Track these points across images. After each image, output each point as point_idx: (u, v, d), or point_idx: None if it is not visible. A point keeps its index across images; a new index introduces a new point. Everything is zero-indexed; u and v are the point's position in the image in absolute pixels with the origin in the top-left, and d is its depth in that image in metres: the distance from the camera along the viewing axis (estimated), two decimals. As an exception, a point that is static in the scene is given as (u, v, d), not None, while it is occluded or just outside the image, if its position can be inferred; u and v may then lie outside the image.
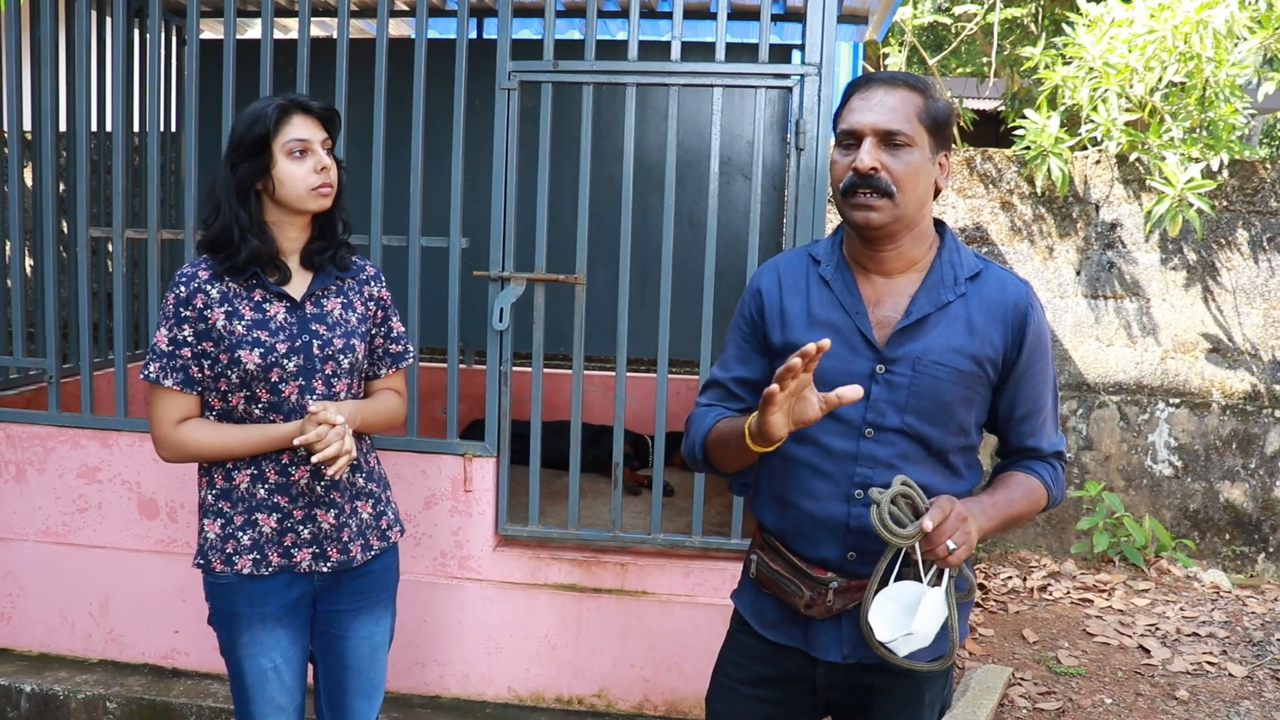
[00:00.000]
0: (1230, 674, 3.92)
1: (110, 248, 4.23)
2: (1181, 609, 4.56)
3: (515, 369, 3.34)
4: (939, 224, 1.85)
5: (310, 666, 2.29)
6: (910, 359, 1.73)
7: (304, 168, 2.06)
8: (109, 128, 4.10)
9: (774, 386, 1.54)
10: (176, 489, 3.41)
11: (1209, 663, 4.00)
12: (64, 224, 4.27)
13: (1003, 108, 7.91)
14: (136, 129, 4.26)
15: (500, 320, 3.21)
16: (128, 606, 3.46)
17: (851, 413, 1.74)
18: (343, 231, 2.20)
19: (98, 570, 3.46)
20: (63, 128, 3.91)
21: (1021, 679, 3.81)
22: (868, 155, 1.67)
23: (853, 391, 1.55)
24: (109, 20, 4.01)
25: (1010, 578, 4.92)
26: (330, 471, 2.01)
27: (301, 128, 2.06)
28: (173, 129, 4.53)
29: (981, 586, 4.76)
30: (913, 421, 1.74)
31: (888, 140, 1.68)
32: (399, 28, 5.24)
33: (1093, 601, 4.63)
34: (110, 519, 3.46)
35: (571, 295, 3.29)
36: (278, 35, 4.92)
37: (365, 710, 2.29)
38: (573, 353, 3.31)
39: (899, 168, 1.68)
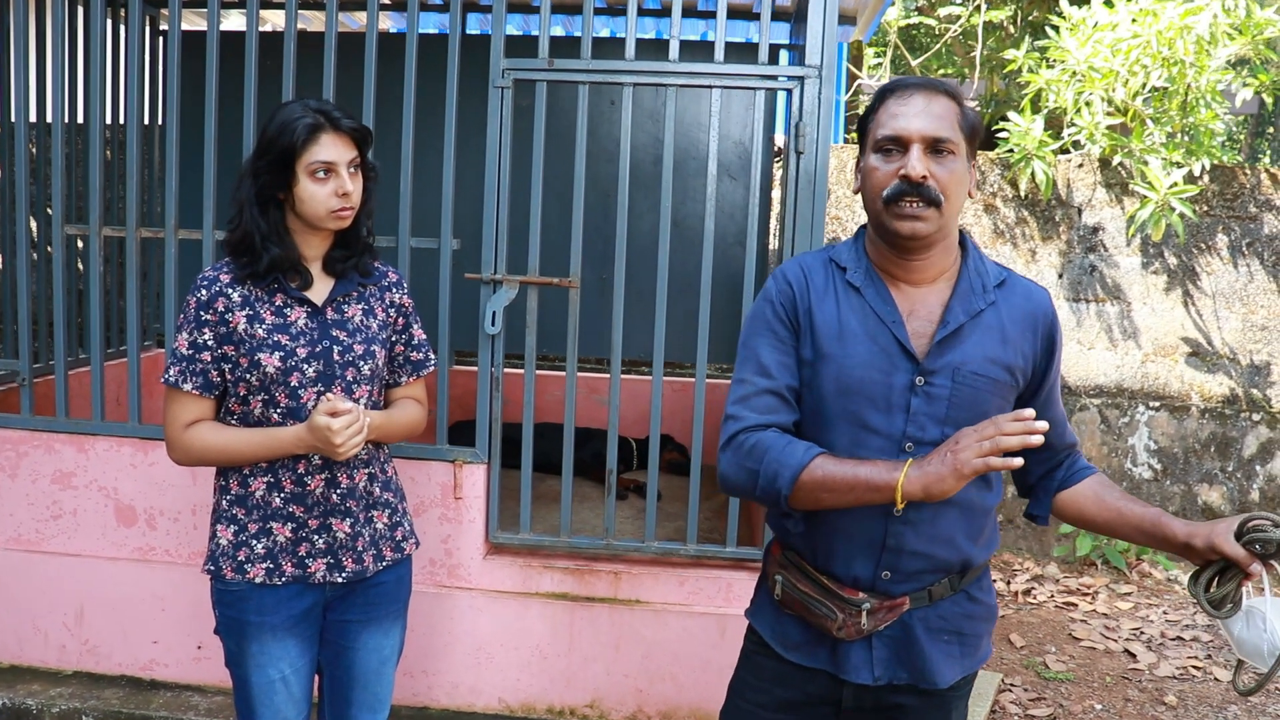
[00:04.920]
0: (1216, 678, 3.93)
1: (81, 244, 4.11)
2: (1164, 612, 4.58)
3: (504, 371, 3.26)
4: (961, 233, 1.81)
5: (315, 677, 2.23)
6: (949, 369, 1.68)
7: (325, 190, 2.02)
8: (82, 121, 3.98)
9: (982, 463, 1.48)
10: (155, 495, 3.30)
11: (1194, 667, 4.02)
12: (31, 220, 4.14)
13: (978, 109, 7.92)
14: (109, 122, 4.14)
15: (493, 324, 3.14)
16: (104, 616, 3.35)
17: (891, 426, 1.69)
18: (366, 235, 2.16)
19: (72, 579, 3.35)
20: (33, 119, 3.78)
21: (1011, 685, 3.80)
22: (919, 163, 1.62)
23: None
24: (80, 10, 3.90)
25: (995, 581, 4.92)
26: (339, 443, 1.95)
27: (329, 148, 2.01)
28: (144, 123, 4.40)
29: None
30: (953, 434, 1.67)
31: (934, 148, 1.63)
32: (385, 21, 5.13)
33: (1077, 605, 4.64)
34: (86, 526, 3.34)
35: (558, 296, 3.23)
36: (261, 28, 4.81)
37: None
38: (566, 357, 3.25)
39: (945, 176, 1.64)
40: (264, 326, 2.03)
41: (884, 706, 1.80)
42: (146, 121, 4.37)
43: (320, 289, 2.12)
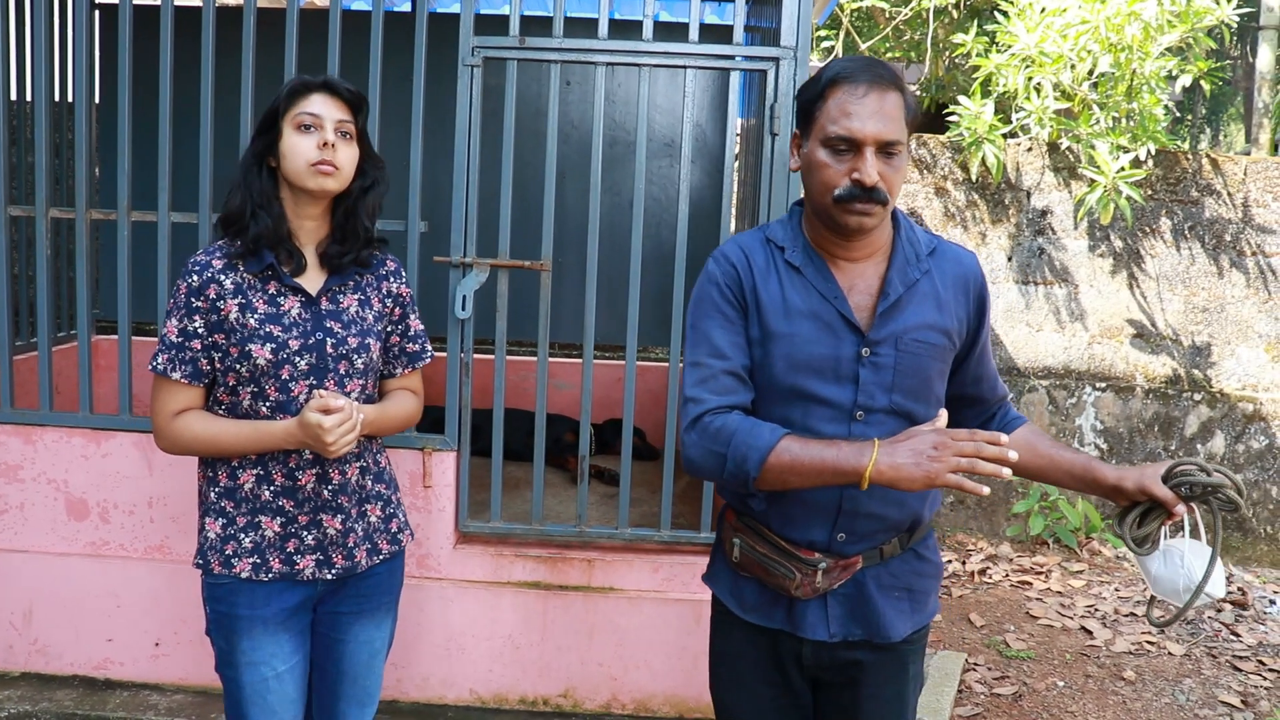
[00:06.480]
0: (1170, 653, 4.03)
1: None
2: (1116, 589, 4.67)
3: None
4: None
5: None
6: (892, 339, 1.75)
7: (307, 142, 1.94)
8: (29, 97, 3.80)
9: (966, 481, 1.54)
10: (109, 488, 3.17)
11: (1149, 642, 4.11)
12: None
13: (919, 93, 7.98)
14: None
15: (463, 308, 3.07)
16: (55, 614, 3.22)
17: (842, 397, 1.74)
18: (367, 230, 2.08)
19: (20, 576, 3.21)
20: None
21: (975, 664, 3.85)
22: (873, 169, 1.66)
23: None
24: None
25: (950, 561, 4.98)
26: (330, 441, 1.88)
27: (317, 104, 1.96)
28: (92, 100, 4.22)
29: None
30: (899, 400, 1.76)
31: (885, 149, 1.67)
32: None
33: (1031, 584, 4.72)
34: (34, 521, 3.20)
35: (517, 280, 3.18)
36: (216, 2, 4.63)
37: (358, 719, 2.17)
38: (537, 342, 3.19)
39: (892, 175, 1.69)
40: (256, 316, 1.96)
41: (841, 664, 1.85)
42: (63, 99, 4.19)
43: (315, 277, 2.04)
